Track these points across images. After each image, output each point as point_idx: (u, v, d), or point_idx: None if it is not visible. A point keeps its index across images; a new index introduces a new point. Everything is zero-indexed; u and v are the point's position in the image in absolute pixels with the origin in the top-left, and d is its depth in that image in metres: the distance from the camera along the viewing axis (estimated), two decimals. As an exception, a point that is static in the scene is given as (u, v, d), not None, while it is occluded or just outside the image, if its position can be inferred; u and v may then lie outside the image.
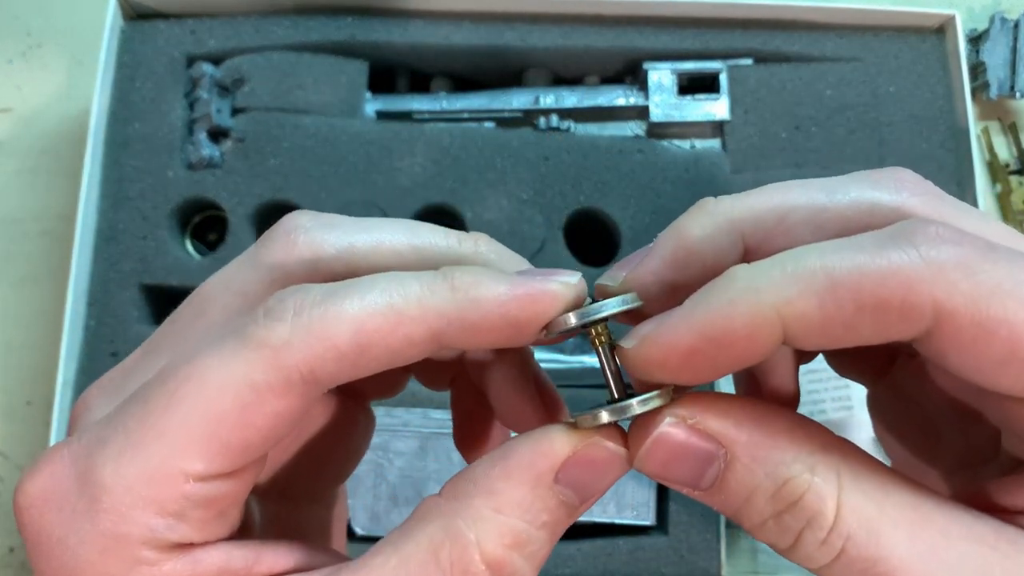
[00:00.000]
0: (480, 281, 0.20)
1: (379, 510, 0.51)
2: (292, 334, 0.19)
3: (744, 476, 0.20)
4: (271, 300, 0.20)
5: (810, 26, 0.59)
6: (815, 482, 0.19)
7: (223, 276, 0.23)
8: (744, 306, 0.18)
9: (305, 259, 0.22)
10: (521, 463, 0.20)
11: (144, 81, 0.57)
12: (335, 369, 0.19)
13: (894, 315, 0.18)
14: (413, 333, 0.20)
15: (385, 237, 0.23)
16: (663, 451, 0.20)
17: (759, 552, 0.55)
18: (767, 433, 0.20)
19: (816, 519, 0.19)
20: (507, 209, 0.56)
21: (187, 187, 0.56)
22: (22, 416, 0.58)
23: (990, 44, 0.61)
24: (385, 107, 0.59)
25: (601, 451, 0.21)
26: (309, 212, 0.23)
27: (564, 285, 0.20)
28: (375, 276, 0.20)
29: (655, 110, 0.58)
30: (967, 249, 0.18)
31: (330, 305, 0.19)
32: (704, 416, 0.20)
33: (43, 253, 0.60)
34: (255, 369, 0.19)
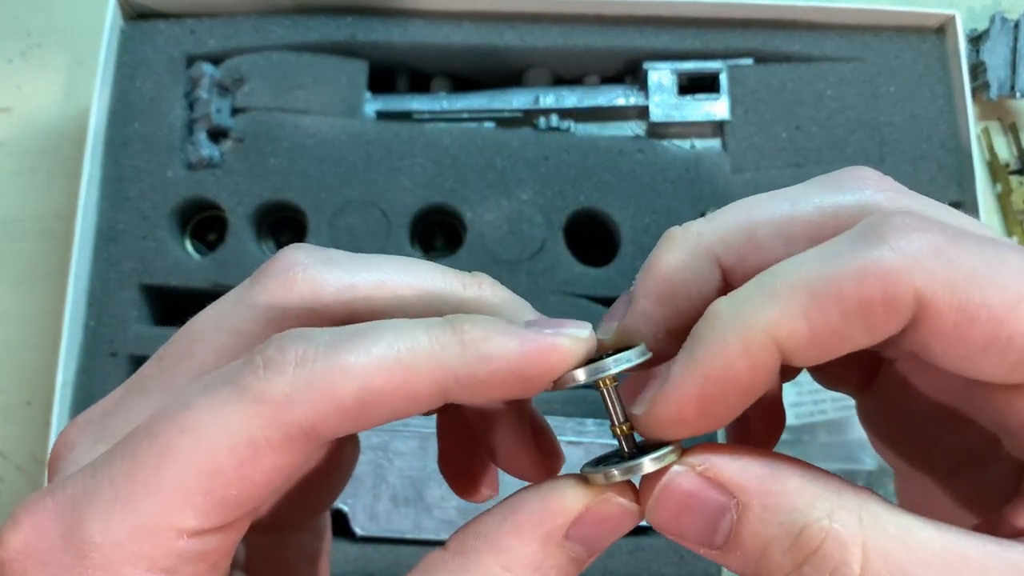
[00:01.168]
0: (490, 335, 0.19)
1: (379, 510, 0.50)
2: (294, 389, 0.18)
3: (757, 527, 0.19)
4: (271, 349, 0.19)
5: (810, 26, 0.59)
6: (834, 528, 0.18)
7: (214, 314, 0.22)
8: (735, 339, 0.18)
9: (304, 299, 0.21)
10: (531, 519, 0.20)
11: (144, 81, 0.57)
12: (337, 424, 0.19)
13: (879, 312, 0.17)
14: (420, 389, 0.19)
15: (387, 278, 0.22)
16: (673, 501, 0.19)
17: (759, 552, 0.55)
18: (778, 479, 0.19)
19: (840, 569, 0.18)
20: (507, 209, 0.55)
21: (187, 187, 0.56)
22: (22, 416, 0.58)
23: (990, 44, 0.61)
24: (385, 107, 0.59)
25: (614, 508, 0.20)
26: (307, 247, 0.22)
27: (575, 340, 0.20)
28: (381, 325, 0.19)
29: (655, 110, 0.58)
30: (937, 236, 0.18)
31: (335, 358, 0.18)
32: (713, 462, 0.19)
33: (43, 253, 0.60)
34: (254, 424, 0.18)
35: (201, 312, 0.22)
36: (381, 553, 0.50)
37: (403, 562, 0.50)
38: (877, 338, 0.18)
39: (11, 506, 0.56)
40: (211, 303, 0.22)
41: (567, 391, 0.52)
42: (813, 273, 0.18)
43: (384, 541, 0.50)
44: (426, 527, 0.50)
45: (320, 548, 0.28)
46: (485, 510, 0.21)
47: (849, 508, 0.18)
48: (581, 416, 0.52)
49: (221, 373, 0.19)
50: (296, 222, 0.57)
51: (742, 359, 0.18)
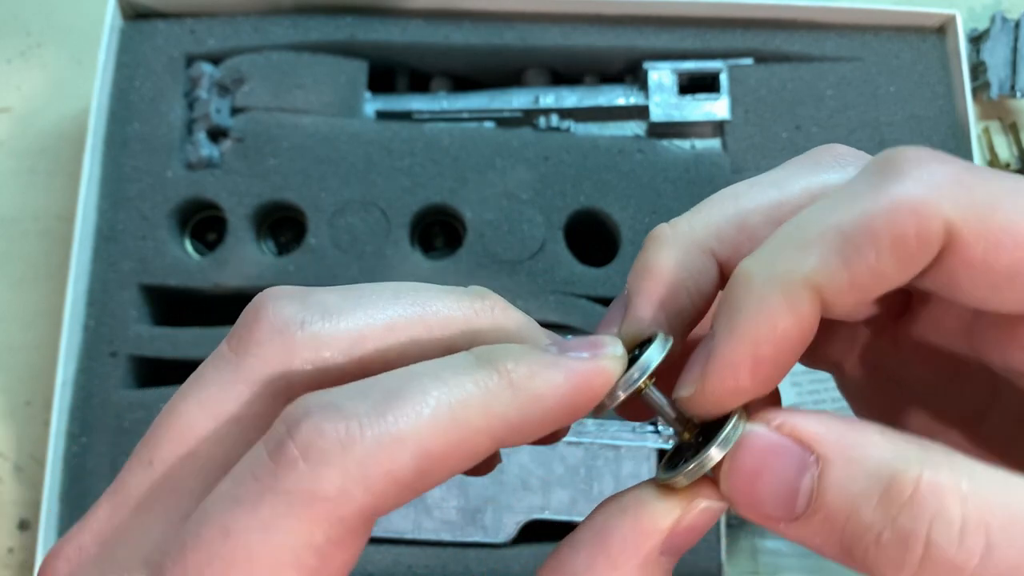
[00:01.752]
0: (535, 372, 0.18)
1: (379, 510, 0.50)
2: (347, 479, 0.16)
3: (843, 482, 0.17)
4: (303, 429, 0.16)
5: (811, 26, 0.59)
6: (927, 474, 0.16)
7: (203, 397, 0.18)
8: (777, 296, 0.17)
9: (308, 363, 0.18)
10: (626, 548, 0.18)
11: (143, 81, 0.57)
12: (396, 500, 0.17)
13: (912, 245, 0.17)
14: (477, 445, 0.17)
15: (396, 318, 0.19)
16: (749, 462, 0.18)
17: (759, 552, 0.55)
18: (859, 432, 0.18)
19: (941, 515, 0.16)
20: (507, 209, 0.55)
21: (186, 187, 0.55)
22: (21, 416, 0.58)
23: (991, 44, 0.61)
24: (385, 107, 0.59)
25: (706, 515, 0.19)
26: (288, 294, 0.19)
27: (614, 359, 0.19)
28: (417, 377, 0.17)
29: (655, 110, 0.58)
30: (954, 166, 0.18)
31: (383, 429, 0.16)
32: (787, 418, 0.18)
33: (42, 253, 0.60)
34: (314, 531, 0.16)
35: (182, 393, 0.19)
36: (381, 553, 0.50)
37: (403, 562, 0.50)
38: (910, 274, 0.18)
39: (10, 506, 0.56)
40: (190, 377, 0.19)
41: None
42: (842, 217, 0.17)
43: (384, 541, 0.50)
44: (426, 527, 0.50)
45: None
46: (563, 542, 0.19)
47: (936, 457, 0.17)
48: (581, 416, 0.52)
49: (248, 475, 0.16)
50: (296, 222, 0.57)
51: (788, 315, 0.17)
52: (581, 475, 0.50)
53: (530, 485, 0.50)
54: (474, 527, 0.50)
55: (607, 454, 0.51)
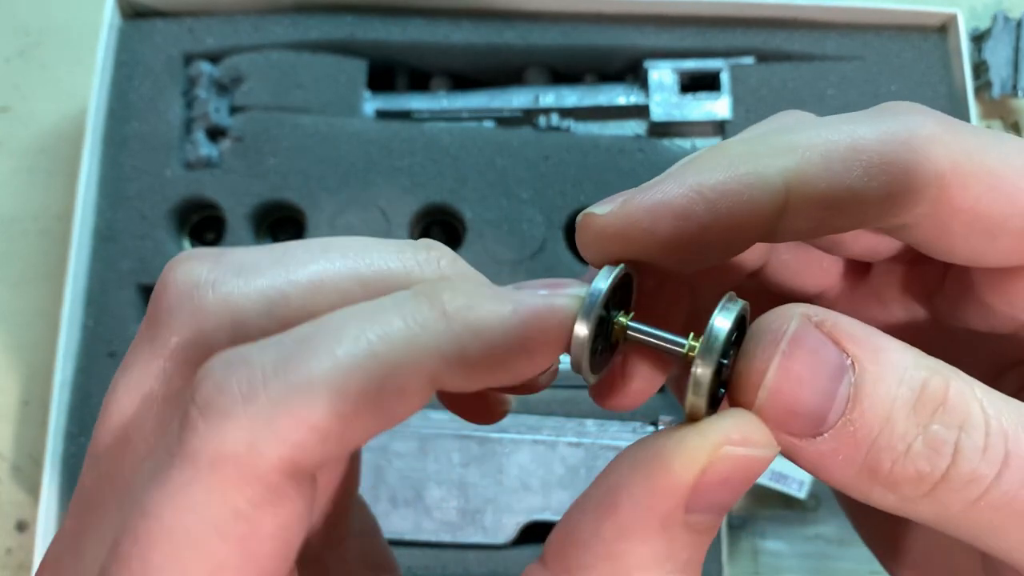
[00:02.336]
0: (476, 303, 0.16)
1: (378, 512, 0.50)
2: (252, 430, 0.14)
3: (879, 388, 0.16)
4: (203, 388, 0.15)
5: (812, 25, 0.59)
6: (953, 379, 0.16)
7: (127, 381, 0.17)
8: (746, 168, 0.16)
9: (224, 326, 0.17)
10: (638, 510, 0.16)
11: (142, 80, 0.57)
12: (320, 452, 0.15)
13: (900, 178, 0.17)
14: (407, 384, 0.15)
15: (323, 274, 0.17)
16: (801, 360, 0.16)
17: (760, 553, 0.55)
18: (882, 336, 0.16)
19: (969, 420, 0.16)
20: (507, 209, 0.55)
21: (185, 186, 0.55)
22: (19, 417, 0.57)
23: (992, 43, 0.61)
24: (384, 106, 0.58)
25: (738, 461, 0.16)
26: (202, 254, 0.18)
27: (574, 298, 0.17)
28: (336, 317, 0.15)
29: (656, 109, 0.58)
30: (944, 117, 0.18)
31: (290, 373, 0.15)
32: (826, 315, 0.16)
33: (41, 252, 0.60)
34: (227, 494, 0.14)
35: (113, 382, 0.18)
36: (380, 554, 0.50)
37: (403, 563, 0.50)
38: (891, 211, 0.17)
39: (8, 506, 0.55)
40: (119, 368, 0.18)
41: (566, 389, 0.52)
42: (836, 133, 0.17)
43: (383, 542, 0.50)
44: (426, 528, 0.50)
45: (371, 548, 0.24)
46: (574, 504, 0.17)
47: (945, 367, 0.16)
48: (581, 416, 0.52)
49: (160, 447, 0.15)
50: (295, 222, 0.57)
51: (747, 191, 0.16)
52: (581, 476, 0.50)
53: (530, 486, 0.50)
54: (474, 528, 0.50)
55: (607, 455, 0.51)
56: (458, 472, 0.50)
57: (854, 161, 0.17)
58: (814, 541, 0.55)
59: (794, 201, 0.17)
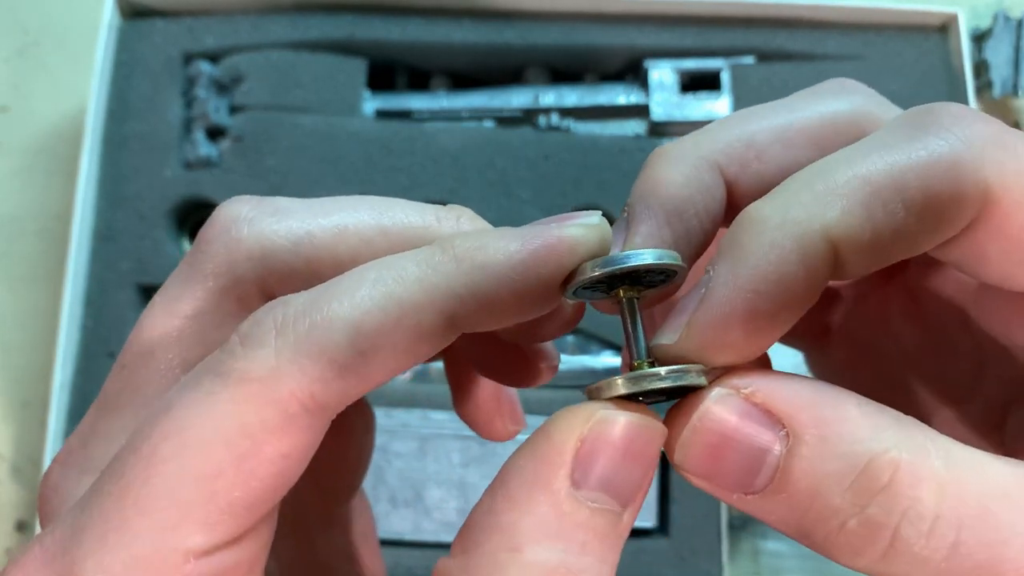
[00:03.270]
0: (485, 244, 0.17)
1: (378, 512, 0.50)
2: (279, 358, 0.16)
3: (812, 463, 0.15)
4: (245, 324, 0.17)
5: (812, 24, 0.59)
6: (905, 460, 0.15)
7: (164, 300, 0.19)
8: (791, 244, 0.16)
9: (254, 257, 0.19)
10: (524, 480, 0.16)
11: (141, 79, 0.57)
12: (340, 388, 0.16)
13: (946, 207, 0.16)
14: (423, 322, 0.16)
15: (349, 221, 0.19)
16: (713, 432, 0.16)
17: (761, 554, 0.55)
18: (835, 406, 0.16)
19: (914, 507, 0.15)
20: (507, 209, 0.55)
21: (184, 186, 0.55)
22: (19, 417, 0.57)
23: (993, 42, 0.61)
24: (384, 106, 0.58)
25: (615, 428, 0.16)
26: (249, 198, 0.20)
27: (585, 227, 0.17)
28: (359, 268, 0.17)
29: (656, 108, 0.58)
30: (996, 126, 0.16)
31: (316, 313, 0.16)
32: (759, 385, 0.16)
33: (39, 253, 0.60)
34: (245, 410, 0.16)
35: (150, 302, 0.20)
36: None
37: (402, 564, 0.50)
38: (937, 239, 0.16)
39: (8, 507, 0.55)
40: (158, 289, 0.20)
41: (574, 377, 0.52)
42: (871, 167, 0.16)
43: (383, 543, 0.50)
44: (425, 529, 0.50)
45: (361, 542, 0.25)
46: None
47: (915, 439, 0.15)
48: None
49: (200, 366, 0.17)
50: (295, 222, 0.57)
51: (799, 267, 0.16)
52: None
53: (530, 486, 0.50)
54: (474, 528, 0.50)
55: (608, 455, 0.50)
56: (458, 472, 0.50)
57: (896, 202, 0.16)
58: (815, 541, 0.55)
59: (843, 253, 0.16)
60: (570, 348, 0.54)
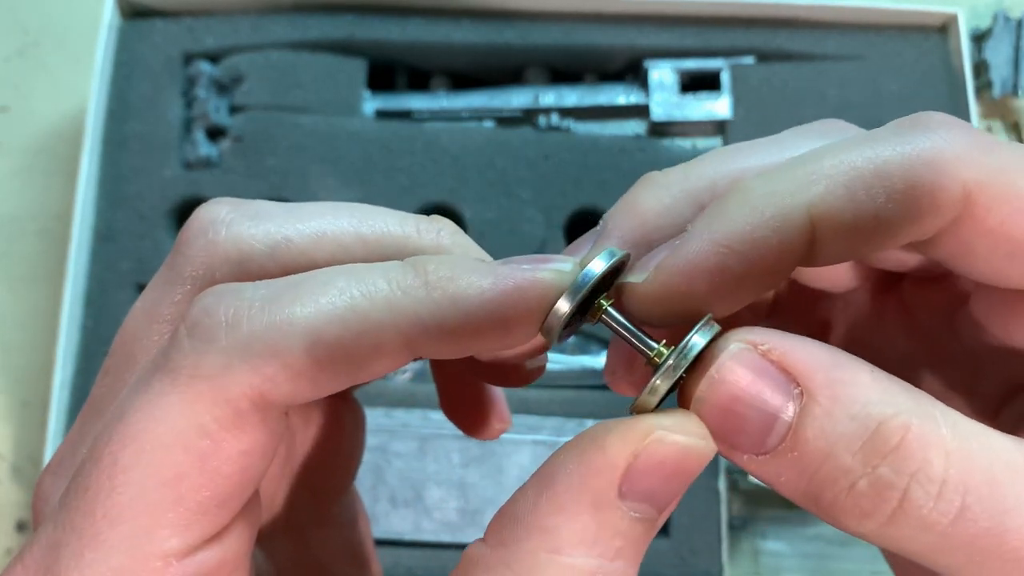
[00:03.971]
0: (458, 274, 0.17)
1: (378, 512, 0.50)
2: (231, 356, 0.15)
3: (824, 423, 0.16)
4: (194, 310, 0.16)
5: (812, 24, 0.59)
6: (915, 425, 0.15)
7: (144, 304, 0.19)
8: (772, 210, 0.16)
9: (231, 260, 0.18)
10: (571, 487, 0.16)
11: (141, 79, 0.57)
12: (290, 391, 0.16)
13: (926, 198, 0.16)
14: (382, 342, 0.16)
15: (328, 227, 0.19)
16: (729, 388, 0.16)
17: (761, 554, 0.55)
18: (849, 369, 0.16)
19: (923, 470, 0.15)
20: (507, 209, 0.55)
21: (185, 186, 0.55)
22: (19, 417, 0.57)
23: (993, 42, 0.61)
24: (384, 106, 0.58)
25: (669, 448, 0.16)
26: (228, 200, 0.20)
27: (557, 273, 0.17)
28: (328, 272, 0.17)
29: (656, 108, 0.58)
30: (976, 133, 0.17)
31: (274, 311, 0.16)
32: (776, 342, 0.16)
33: (40, 253, 0.60)
34: (198, 410, 0.15)
35: (132, 307, 0.20)
36: (380, 555, 0.49)
37: (402, 564, 0.50)
38: (916, 232, 0.17)
39: (8, 507, 0.55)
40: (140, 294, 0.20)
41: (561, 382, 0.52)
42: (857, 156, 0.17)
43: (383, 543, 0.50)
44: (425, 529, 0.50)
45: (356, 541, 0.25)
46: (520, 488, 0.17)
47: (925, 407, 0.16)
48: (581, 416, 0.52)
49: (149, 362, 0.17)
50: (295, 222, 0.57)
51: (774, 234, 0.16)
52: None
53: (530, 486, 0.50)
54: (474, 528, 0.50)
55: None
56: (458, 472, 0.50)
57: (878, 188, 0.16)
58: (814, 541, 0.55)
59: (821, 233, 0.17)
60: (570, 348, 0.54)
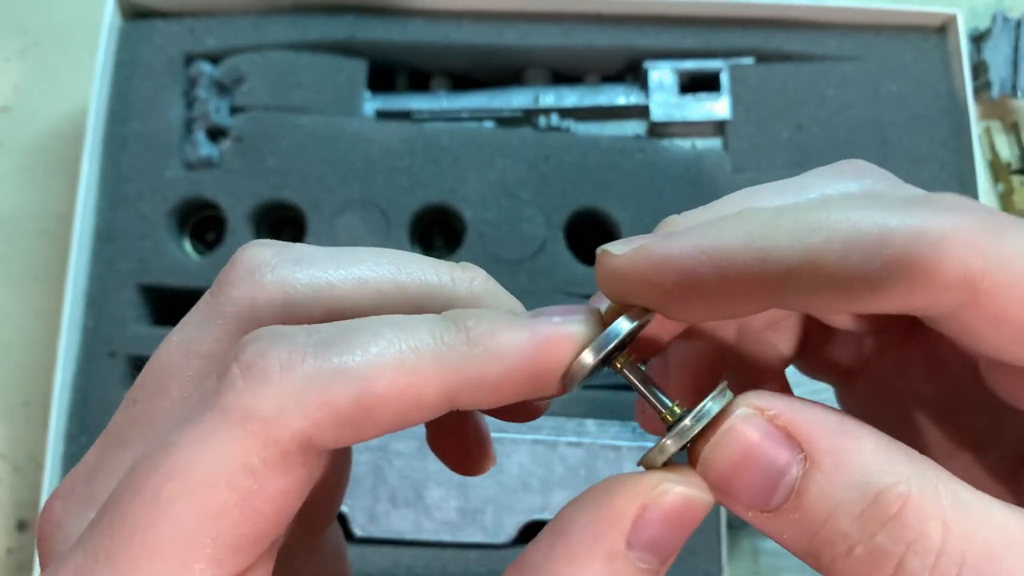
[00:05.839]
0: (498, 330, 0.17)
1: (378, 512, 0.50)
2: (284, 400, 0.16)
3: (826, 487, 0.16)
4: (248, 353, 0.16)
5: (812, 25, 0.59)
6: (915, 495, 0.16)
7: (181, 337, 0.19)
8: (763, 241, 0.17)
9: (276, 303, 0.19)
10: (585, 538, 0.17)
11: (142, 80, 0.57)
12: (334, 437, 0.16)
13: (921, 277, 0.16)
14: (426, 395, 0.17)
15: (368, 274, 0.19)
16: (735, 450, 0.17)
17: (760, 554, 0.55)
18: (852, 436, 0.17)
19: (920, 541, 0.16)
20: (507, 209, 0.55)
21: (185, 187, 0.55)
22: (19, 417, 0.57)
23: (992, 43, 0.61)
24: (384, 106, 0.58)
25: (676, 500, 0.17)
26: (271, 243, 0.20)
27: (585, 324, 0.18)
28: (375, 321, 0.17)
29: (656, 109, 0.58)
30: (986, 215, 0.17)
31: (327, 359, 0.16)
32: (782, 408, 0.17)
33: (41, 253, 0.60)
34: (248, 449, 0.16)
35: (165, 339, 0.20)
36: (380, 554, 0.50)
37: (402, 563, 0.50)
38: (909, 305, 0.17)
39: (8, 507, 0.55)
40: (175, 327, 0.20)
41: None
42: (864, 217, 0.17)
43: (383, 542, 0.50)
44: (426, 528, 0.50)
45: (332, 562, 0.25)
46: (535, 539, 0.18)
47: (926, 477, 0.16)
48: (581, 416, 0.52)
49: (197, 397, 0.17)
50: (295, 222, 0.57)
51: (759, 264, 0.16)
52: (581, 476, 0.50)
53: (530, 486, 0.50)
54: (474, 528, 0.50)
55: (608, 455, 0.51)
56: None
57: (876, 254, 0.16)
58: (814, 541, 0.55)
59: (806, 282, 0.17)
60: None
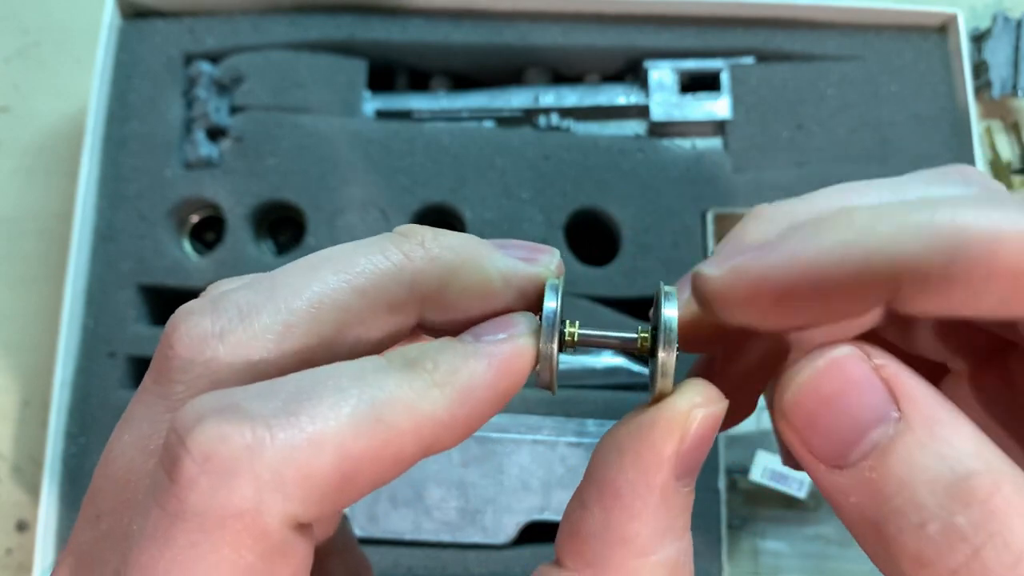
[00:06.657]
0: (458, 365, 0.17)
1: (378, 511, 0.50)
2: (260, 486, 0.14)
3: (915, 452, 0.15)
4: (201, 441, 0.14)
5: (812, 25, 0.59)
6: (1007, 488, 0.15)
7: (134, 437, 0.17)
8: (861, 252, 0.15)
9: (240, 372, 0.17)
10: (639, 492, 0.17)
11: (142, 80, 0.57)
12: (319, 510, 0.15)
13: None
14: (404, 448, 0.16)
15: (320, 294, 0.17)
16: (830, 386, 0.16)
17: (760, 553, 0.55)
18: (954, 413, 0.16)
19: (1004, 535, 0.14)
20: (507, 209, 0.55)
21: (185, 186, 0.55)
22: (19, 417, 0.57)
23: (993, 43, 0.61)
24: (384, 106, 0.58)
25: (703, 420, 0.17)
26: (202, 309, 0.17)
27: (528, 336, 0.18)
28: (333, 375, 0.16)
29: (656, 109, 0.58)
30: None
31: (297, 430, 0.14)
32: (889, 362, 0.16)
33: (40, 253, 0.60)
34: (238, 552, 0.14)
35: (116, 437, 0.17)
36: (380, 554, 0.50)
37: (402, 563, 0.50)
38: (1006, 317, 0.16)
39: (8, 507, 0.55)
40: (121, 418, 0.17)
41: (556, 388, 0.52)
42: (974, 220, 0.15)
43: (383, 543, 0.50)
44: (425, 528, 0.50)
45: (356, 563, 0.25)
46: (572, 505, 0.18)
47: (1020, 476, 0.15)
48: (581, 416, 0.52)
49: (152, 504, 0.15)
50: (295, 222, 0.57)
51: (857, 277, 0.15)
52: (581, 476, 0.50)
53: (530, 486, 0.50)
54: (474, 528, 0.50)
55: (608, 455, 0.50)
56: (458, 472, 0.50)
57: (980, 267, 0.15)
58: (814, 541, 0.55)
59: (907, 290, 0.16)
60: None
